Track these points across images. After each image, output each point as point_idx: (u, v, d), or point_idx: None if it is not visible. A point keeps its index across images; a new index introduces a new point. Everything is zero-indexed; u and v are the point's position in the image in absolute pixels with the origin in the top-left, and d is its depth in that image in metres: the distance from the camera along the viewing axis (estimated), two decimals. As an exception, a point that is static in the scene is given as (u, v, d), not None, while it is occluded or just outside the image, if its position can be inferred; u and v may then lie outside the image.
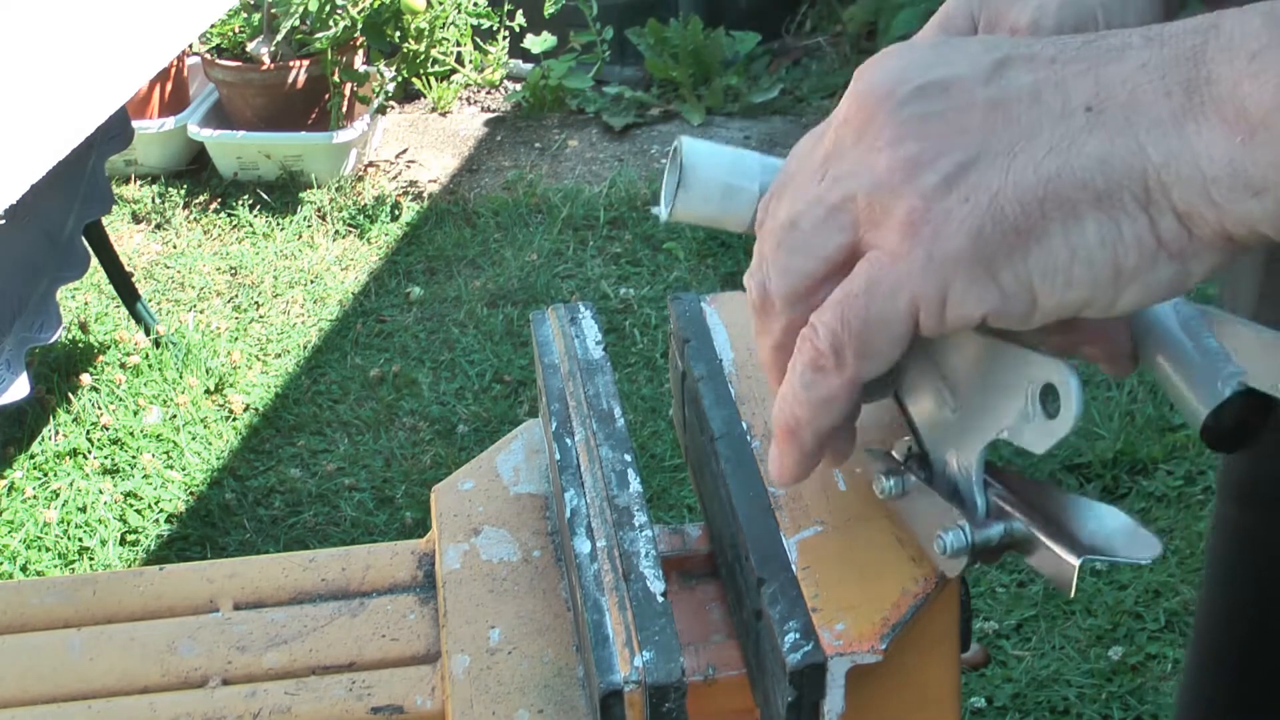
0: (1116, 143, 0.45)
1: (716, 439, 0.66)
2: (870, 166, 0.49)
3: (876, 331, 0.49)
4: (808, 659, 0.54)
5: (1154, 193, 0.45)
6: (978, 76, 0.48)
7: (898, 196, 0.48)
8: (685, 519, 2.27)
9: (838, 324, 0.50)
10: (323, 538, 2.31)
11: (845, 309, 0.50)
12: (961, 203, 0.47)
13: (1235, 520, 0.95)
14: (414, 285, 3.00)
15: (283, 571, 0.74)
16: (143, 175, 3.48)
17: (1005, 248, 0.47)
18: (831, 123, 0.53)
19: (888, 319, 0.49)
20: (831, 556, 0.59)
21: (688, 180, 0.61)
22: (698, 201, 0.61)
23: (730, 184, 0.61)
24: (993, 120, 0.47)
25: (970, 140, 0.47)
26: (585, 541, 0.62)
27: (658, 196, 3.22)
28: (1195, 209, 0.45)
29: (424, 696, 0.66)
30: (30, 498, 2.42)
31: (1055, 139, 0.46)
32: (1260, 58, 0.43)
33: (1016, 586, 2.09)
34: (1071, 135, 0.46)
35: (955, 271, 0.47)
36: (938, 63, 0.50)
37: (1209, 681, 1.02)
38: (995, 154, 0.47)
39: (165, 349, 2.76)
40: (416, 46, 3.59)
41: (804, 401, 0.53)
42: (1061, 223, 0.46)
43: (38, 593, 0.74)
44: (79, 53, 1.95)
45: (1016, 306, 0.48)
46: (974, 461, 0.55)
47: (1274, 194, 0.44)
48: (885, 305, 0.49)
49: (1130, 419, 2.37)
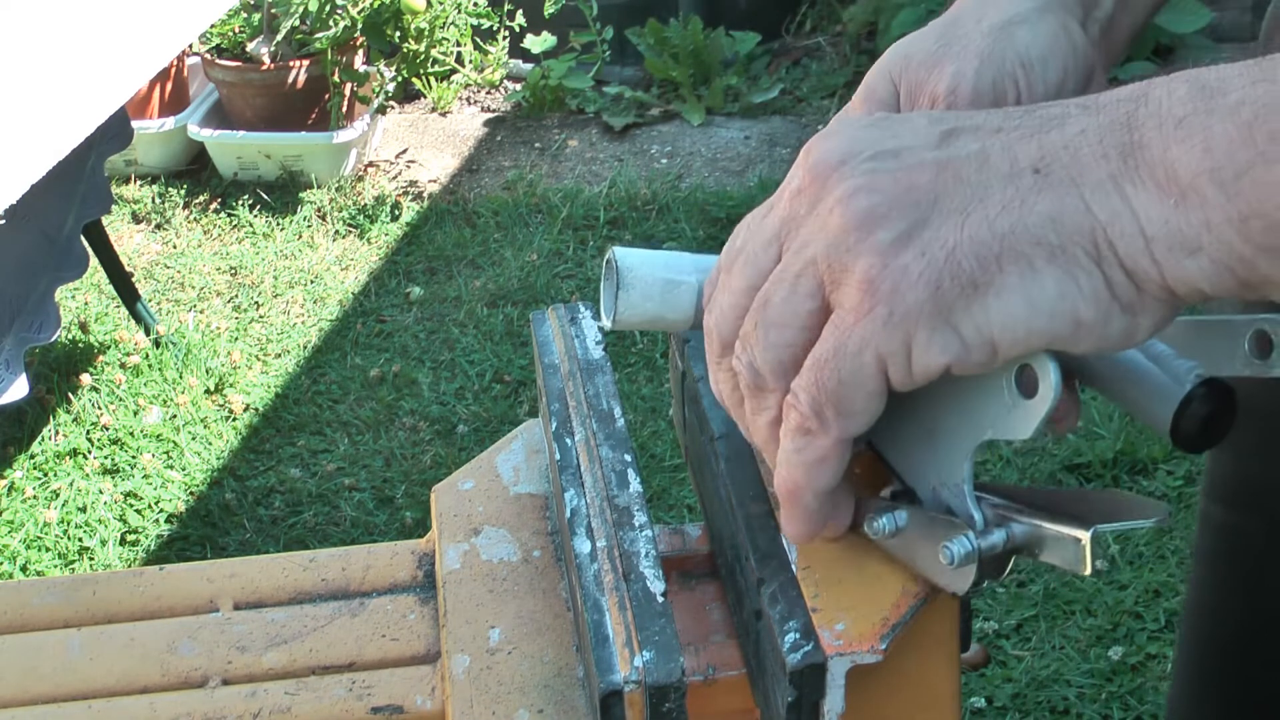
0: (1065, 201, 0.47)
1: (716, 439, 0.66)
2: (824, 228, 0.50)
3: (851, 390, 0.51)
4: (808, 659, 0.54)
5: (1102, 249, 0.47)
6: (927, 144, 0.50)
7: (855, 255, 0.49)
8: (685, 519, 2.27)
9: (815, 388, 0.51)
10: (323, 538, 2.31)
11: (819, 372, 0.51)
12: (918, 258, 0.48)
13: (1221, 520, 0.96)
14: (414, 285, 3.00)
15: (283, 571, 0.74)
16: (143, 175, 3.48)
17: (964, 300, 0.48)
18: (781, 196, 0.54)
19: (860, 377, 0.50)
20: (831, 556, 0.59)
21: (626, 281, 0.61)
22: (639, 300, 0.62)
23: (669, 279, 0.62)
24: (944, 179, 0.49)
25: (922, 197, 0.49)
26: (585, 541, 0.62)
27: (657, 196, 3.23)
28: (1140, 266, 0.46)
29: (424, 696, 0.66)
30: (30, 498, 2.42)
31: (1006, 198, 0.48)
32: (1186, 123, 0.45)
33: (1016, 586, 2.09)
34: (1022, 195, 0.47)
35: (917, 325, 0.48)
36: (886, 136, 0.51)
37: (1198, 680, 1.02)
38: (948, 211, 0.48)
39: (165, 349, 2.76)
40: (416, 46, 3.59)
41: (798, 465, 0.54)
42: (1019, 275, 0.47)
43: (38, 593, 0.74)
44: (79, 53, 1.95)
45: (978, 356, 0.49)
46: (963, 476, 0.55)
47: (1208, 254, 0.45)
48: (854, 364, 0.50)
49: (1130, 419, 2.37)
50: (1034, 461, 2.30)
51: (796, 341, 0.52)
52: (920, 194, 0.49)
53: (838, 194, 0.50)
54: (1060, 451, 2.32)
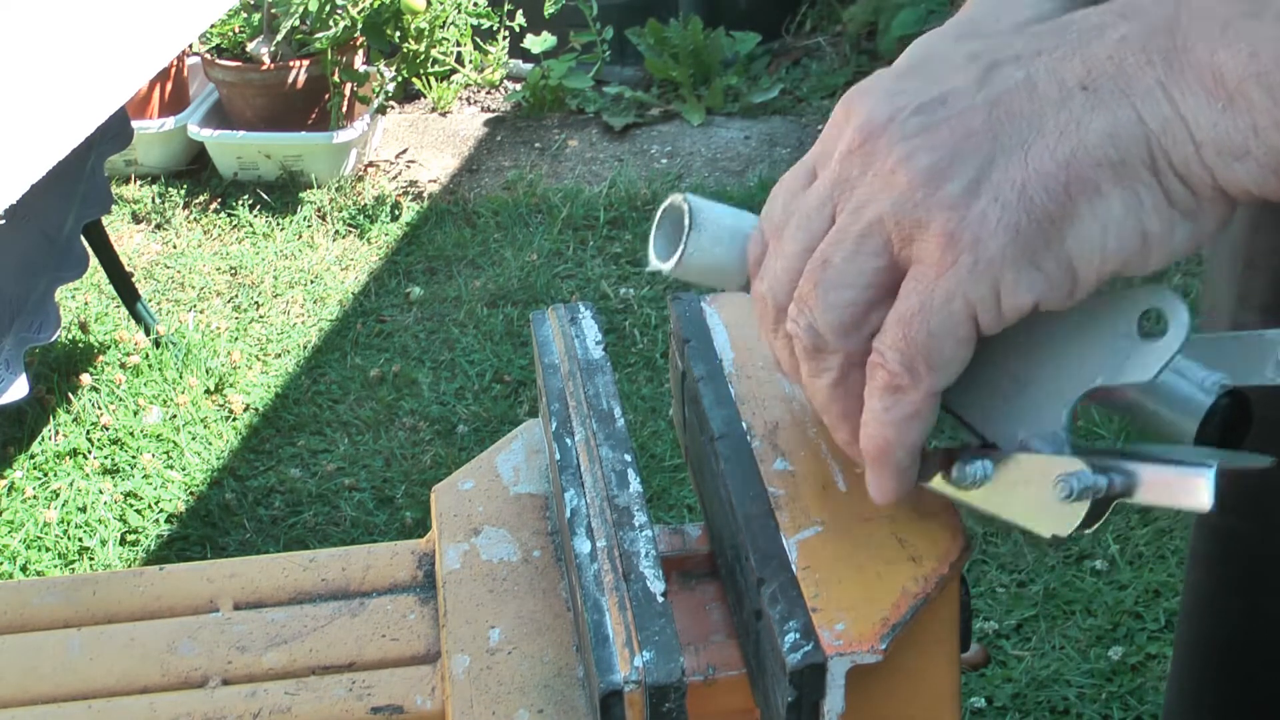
0: (1118, 115, 0.47)
1: (716, 439, 0.66)
2: (889, 188, 0.50)
3: (942, 341, 0.51)
4: (808, 659, 0.54)
5: (1158, 159, 0.47)
6: (970, 85, 0.50)
7: (928, 210, 0.49)
8: (685, 519, 2.27)
9: (904, 343, 0.51)
10: (323, 538, 2.31)
11: (908, 328, 0.51)
12: (993, 203, 0.48)
13: (1217, 523, 0.96)
14: (414, 285, 3.00)
15: (283, 571, 0.74)
16: (143, 175, 3.48)
17: (1043, 236, 0.48)
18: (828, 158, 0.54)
19: (950, 327, 0.50)
20: (831, 556, 0.59)
21: (698, 222, 0.60)
22: (708, 243, 0.60)
23: (737, 227, 0.61)
24: (997, 117, 0.49)
25: (981, 142, 0.49)
26: (585, 541, 0.62)
27: (657, 196, 3.23)
28: (1193, 172, 0.47)
29: (424, 696, 0.66)
30: (30, 498, 2.42)
31: (1061, 123, 0.48)
32: (1233, 28, 0.45)
33: (1016, 586, 2.09)
34: (1076, 116, 0.47)
35: (1003, 269, 0.49)
36: (928, 83, 0.51)
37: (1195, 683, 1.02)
38: (1009, 149, 0.48)
39: (165, 349, 2.76)
40: (416, 46, 3.59)
41: (889, 423, 0.54)
42: (1088, 202, 0.48)
43: (38, 593, 0.74)
44: (79, 53, 1.95)
45: (1062, 287, 0.49)
46: (1063, 423, 0.55)
47: (1255, 158, 0.45)
48: (943, 314, 0.50)
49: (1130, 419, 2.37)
50: (1034, 461, 2.30)
51: (859, 300, 0.52)
52: (979, 139, 0.49)
53: (897, 154, 0.50)
54: (1060, 451, 2.32)
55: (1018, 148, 0.48)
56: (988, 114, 0.49)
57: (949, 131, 0.49)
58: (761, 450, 0.65)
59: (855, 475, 0.64)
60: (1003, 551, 2.14)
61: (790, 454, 0.65)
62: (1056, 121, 0.48)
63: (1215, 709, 1.01)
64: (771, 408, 0.68)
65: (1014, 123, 0.49)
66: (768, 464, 0.64)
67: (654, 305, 2.84)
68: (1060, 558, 2.13)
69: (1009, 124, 0.49)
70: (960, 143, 0.49)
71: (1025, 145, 0.48)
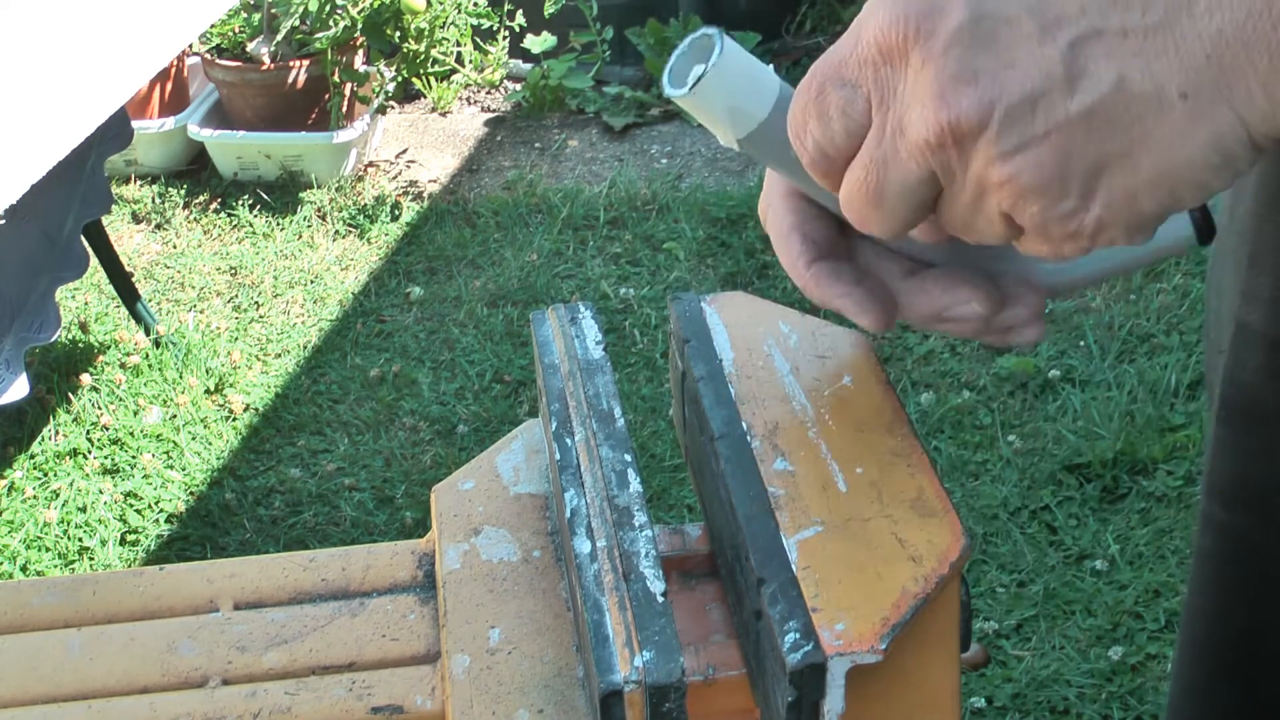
0: (1220, 123, 0.47)
1: (716, 439, 0.66)
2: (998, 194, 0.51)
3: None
4: (808, 659, 0.54)
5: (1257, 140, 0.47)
6: (1057, 82, 0.48)
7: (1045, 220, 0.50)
8: (685, 519, 2.27)
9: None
10: (323, 538, 2.31)
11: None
12: (1106, 209, 0.50)
13: (1223, 521, 0.95)
14: (414, 285, 3.00)
15: (283, 571, 0.74)
16: (143, 175, 3.48)
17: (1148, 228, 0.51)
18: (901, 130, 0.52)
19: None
20: (831, 556, 0.59)
21: (726, 49, 0.58)
22: (731, 73, 0.59)
23: (763, 68, 0.61)
24: (1096, 128, 0.48)
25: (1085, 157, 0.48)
26: (585, 541, 0.62)
27: (657, 196, 3.23)
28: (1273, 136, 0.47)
29: (424, 696, 0.66)
30: (30, 498, 2.42)
31: (1164, 134, 0.47)
32: None
33: (1016, 586, 2.09)
34: (1179, 128, 0.47)
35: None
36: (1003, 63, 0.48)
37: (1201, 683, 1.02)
38: (1113, 156, 0.48)
39: (165, 349, 2.76)
40: (416, 46, 3.59)
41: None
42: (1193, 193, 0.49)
43: (38, 593, 0.74)
44: (79, 53, 1.95)
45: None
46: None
47: None
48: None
49: (1130, 419, 2.37)
50: (1034, 462, 2.30)
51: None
52: (1083, 159, 0.48)
53: (999, 174, 0.49)
54: (1060, 452, 2.32)
55: (1120, 156, 0.48)
56: (1086, 127, 0.48)
57: (1050, 152, 0.48)
58: (761, 450, 0.65)
59: (855, 475, 0.64)
60: (1003, 551, 2.15)
61: (790, 454, 0.65)
62: (1159, 130, 0.47)
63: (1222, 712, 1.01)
64: (771, 408, 0.68)
65: (1114, 132, 0.48)
66: (768, 464, 0.64)
67: (654, 305, 2.84)
68: (1061, 558, 2.13)
69: (1110, 134, 0.48)
70: (1064, 162, 0.48)
71: (1128, 154, 0.48)
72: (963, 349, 2.61)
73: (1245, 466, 0.92)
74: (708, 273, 2.96)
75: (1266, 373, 0.84)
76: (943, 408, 2.45)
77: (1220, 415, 0.89)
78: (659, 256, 3.03)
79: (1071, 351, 2.58)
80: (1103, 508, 2.21)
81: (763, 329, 0.74)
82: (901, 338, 2.67)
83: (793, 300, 2.78)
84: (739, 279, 2.90)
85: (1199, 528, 0.99)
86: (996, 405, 2.46)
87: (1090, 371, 2.52)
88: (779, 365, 0.71)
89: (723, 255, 3.00)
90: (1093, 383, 2.49)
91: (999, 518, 2.20)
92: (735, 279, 2.90)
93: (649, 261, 3.02)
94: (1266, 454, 0.89)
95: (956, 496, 2.23)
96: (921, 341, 2.65)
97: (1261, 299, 0.83)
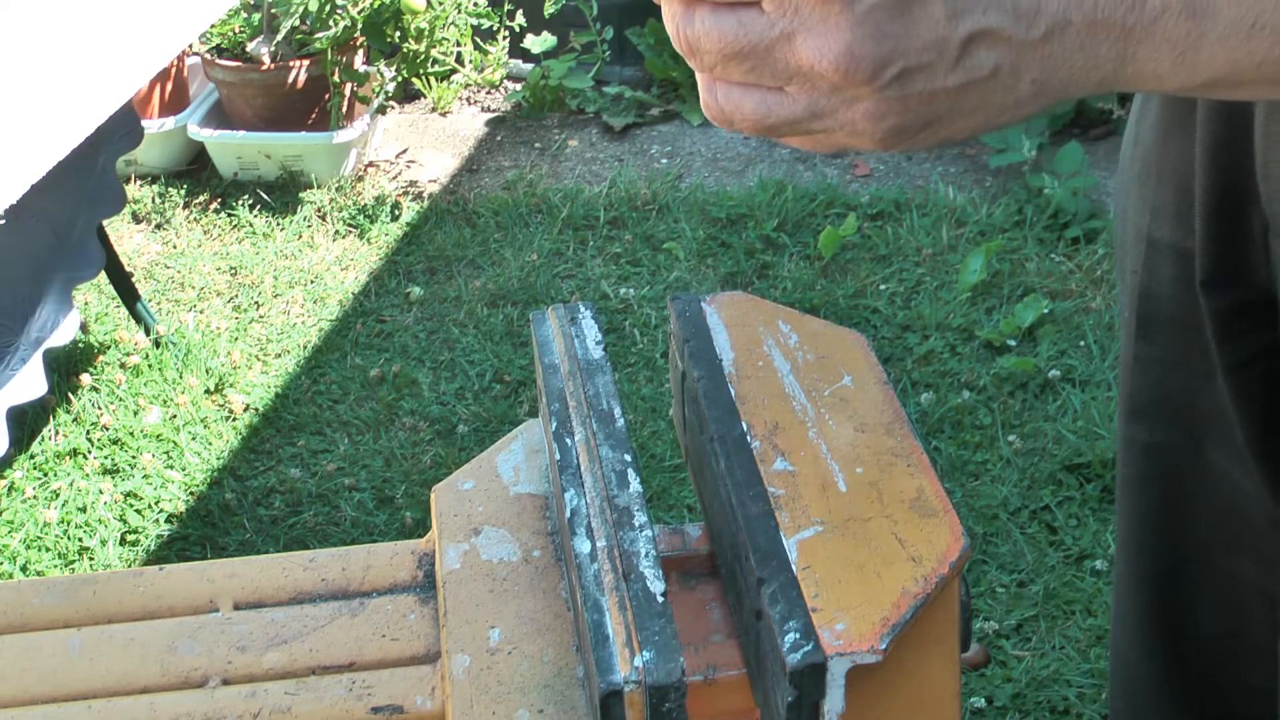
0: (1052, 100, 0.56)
1: (716, 439, 0.66)
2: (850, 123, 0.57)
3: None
4: (808, 659, 0.54)
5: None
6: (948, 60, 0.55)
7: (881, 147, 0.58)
8: (685, 519, 2.27)
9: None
10: (323, 538, 2.31)
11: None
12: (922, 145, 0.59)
13: (1145, 441, 0.96)
14: (414, 285, 3.00)
15: (283, 571, 0.74)
16: (143, 175, 3.48)
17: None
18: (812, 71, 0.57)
19: None
20: (831, 556, 0.59)
21: None
22: None
23: None
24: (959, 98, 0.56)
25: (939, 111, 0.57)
26: (585, 541, 0.62)
27: (657, 196, 3.23)
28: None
29: (424, 696, 0.66)
30: (30, 498, 2.42)
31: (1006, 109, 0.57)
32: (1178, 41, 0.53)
33: (1016, 586, 2.09)
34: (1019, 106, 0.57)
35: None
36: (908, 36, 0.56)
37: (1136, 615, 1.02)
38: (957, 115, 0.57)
39: (165, 349, 2.76)
40: (416, 46, 3.59)
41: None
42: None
43: (38, 593, 0.74)
44: (79, 53, 1.95)
45: None
46: None
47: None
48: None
49: (1130, 419, 2.37)
50: (1034, 462, 2.30)
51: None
52: (937, 109, 0.56)
53: (868, 108, 0.56)
54: (1060, 452, 2.32)
55: (964, 115, 0.57)
56: (955, 97, 0.56)
57: (918, 104, 0.56)
58: (761, 450, 0.65)
59: (855, 475, 0.64)
60: (1003, 551, 2.15)
61: (790, 454, 0.65)
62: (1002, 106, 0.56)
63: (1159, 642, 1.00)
64: (771, 408, 0.68)
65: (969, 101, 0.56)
66: (768, 464, 0.64)
67: (654, 305, 2.84)
68: (1061, 558, 2.13)
69: (965, 102, 0.56)
70: (923, 111, 0.56)
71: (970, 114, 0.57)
72: (963, 349, 2.61)
73: (1165, 380, 0.92)
74: (708, 273, 2.96)
75: (1179, 283, 0.86)
76: (943, 408, 2.45)
77: (1138, 333, 0.92)
78: (659, 256, 3.03)
79: (1071, 351, 2.58)
80: (1103, 508, 2.21)
81: (763, 329, 0.74)
82: (901, 338, 2.67)
83: (793, 300, 2.78)
84: (739, 279, 2.90)
85: (1123, 456, 0.99)
86: (996, 405, 2.46)
87: (1090, 371, 2.52)
88: (779, 365, 0.71)
89: (723, 255, 3.01)
90: (1093, 383, 2.49)
91: (999, 518, 2.20)
92: (735, 279, 2.91)
93: (649, 261, 3.02)
94: (1185, 364, 0.89)
95: (956, 496, 2.23)
96: (921, 341, 2.65)
97: (1168, 212, 0.85)
